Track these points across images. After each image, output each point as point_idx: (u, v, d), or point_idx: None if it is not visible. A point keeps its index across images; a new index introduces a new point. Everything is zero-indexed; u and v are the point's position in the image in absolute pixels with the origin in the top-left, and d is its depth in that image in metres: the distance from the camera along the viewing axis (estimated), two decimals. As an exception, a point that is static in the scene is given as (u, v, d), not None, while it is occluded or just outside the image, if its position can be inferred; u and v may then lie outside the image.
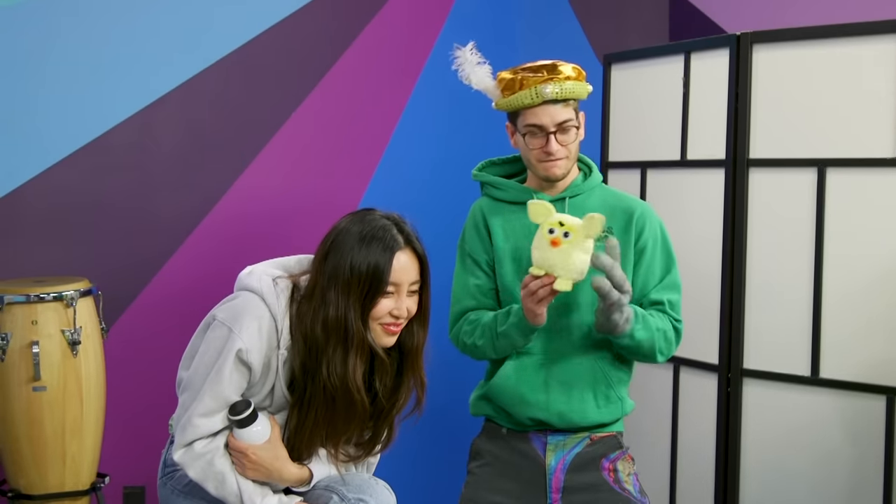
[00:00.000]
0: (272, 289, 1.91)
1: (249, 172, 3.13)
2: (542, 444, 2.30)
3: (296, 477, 1.95)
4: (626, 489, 2.26)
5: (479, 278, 2.36)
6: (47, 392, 2.51)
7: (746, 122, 2.66)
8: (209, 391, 1.88)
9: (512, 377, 2.27)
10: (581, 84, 2.26)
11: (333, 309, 1.86)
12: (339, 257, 1.87)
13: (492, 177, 2.40)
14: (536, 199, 2.18)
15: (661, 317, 2.28)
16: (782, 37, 2.61)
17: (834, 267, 2.54)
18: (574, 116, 2.26)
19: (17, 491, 2.56)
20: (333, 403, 1.90)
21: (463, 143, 3.55)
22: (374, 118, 3.37)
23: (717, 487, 2.75)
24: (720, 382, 2.73)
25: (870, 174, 2.48)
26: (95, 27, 2.85)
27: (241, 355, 1.86)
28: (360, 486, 1.97)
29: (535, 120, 2.24)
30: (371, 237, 1.88)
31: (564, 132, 2.25)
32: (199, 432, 1.89)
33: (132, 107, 2.92)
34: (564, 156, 2.26)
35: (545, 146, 2.24)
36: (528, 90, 2.22)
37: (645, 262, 2.30)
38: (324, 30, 3.25)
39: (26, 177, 2.79)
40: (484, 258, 2.36)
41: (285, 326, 1.90)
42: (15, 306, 2.51)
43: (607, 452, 2.29)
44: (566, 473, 2.26)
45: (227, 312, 1.91)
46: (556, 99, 2.21)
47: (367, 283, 1.86)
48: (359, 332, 1.87)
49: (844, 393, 2.52)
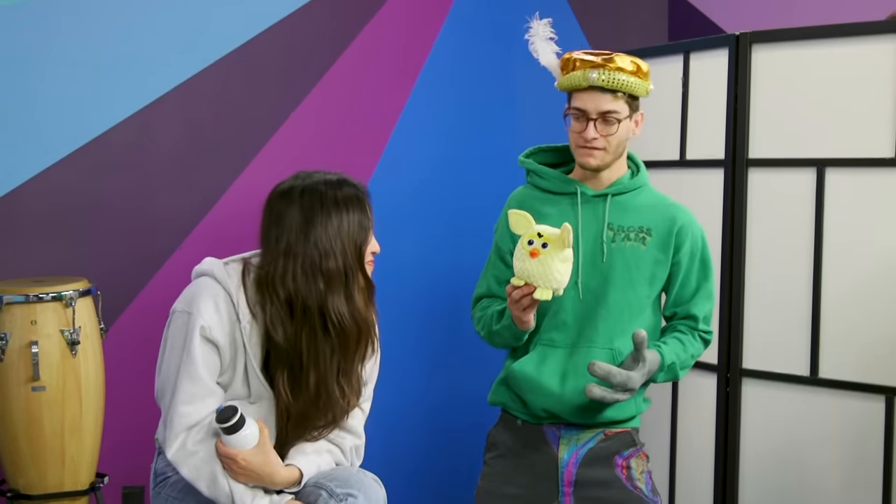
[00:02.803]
0: (222, 268, 1.99)
1: (248, 172, 3.12)
2: (555, 438, 2.29)
3: (286, 479, 1.95)
4: (639, 487, 2.26)
5: (499, 268, 2.39)
6: (46, 392, 2.51)
7: (745, 121, 2.66)
8: (186, 376, 1.90)
9: (532, 365, 2.28)
10: (636, 80, 2.23)
11: (333, 260, 1.94)
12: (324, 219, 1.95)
13: (536, 165, 2.38)
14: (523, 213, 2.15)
15: (690, 339, 2.32)
16: (781, 37, 2.61)
17: (833, 267, 2.54)
18: (622, 110, 2.23)
19: (16, 491, 2.55)
20: (346, 343, 1.97)
21: (462, 143, 3.55)
22: (373, 118, 3.37)
23: (717, 487, 2.75)
24: (719, 382, 2.73)
25: (869, 174, 2.48)
26: (94, 27, 2.84)
27: (205, 333, 1.91)
28: (347, 480, 1.97)
29: (580, 103, 2.24)
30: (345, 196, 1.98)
31: (607, 123, 2.22)
32: (186, 421, 1.90)
33: (131, 107, 2.92)
34: (602, 147, 2.24)
35: (584, 131, 2.23)
36: (579, 72, 2.22)
37: (681, 275, 2.31)
38: (323, 30, 3.24)
39: (25, 177, 2.78)
40: (509, 248, 2.36)
41: (241, 300, 1.95)
42: (14, 306, 2.51)
43: (621, 449, 2.29)
44: (578, 468, 2.26)
45: (183, 300, 1.98)
46: (602, 87, 2.20)
47: (356, 232, 1.97)
48: (356, 272, 1.98)
49: (843, 393, 2.52)
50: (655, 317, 2.35)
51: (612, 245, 2.26)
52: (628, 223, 2.28)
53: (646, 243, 2.27)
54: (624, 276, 2.25)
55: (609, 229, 2.27)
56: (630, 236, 2.27)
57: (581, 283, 2.25)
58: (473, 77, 3.56)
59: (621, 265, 2.26)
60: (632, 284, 2.26)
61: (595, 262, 2.26)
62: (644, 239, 2.27)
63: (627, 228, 2.28)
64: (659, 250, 2.28)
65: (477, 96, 3.58)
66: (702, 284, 2.33)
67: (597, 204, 2.29)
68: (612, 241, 2.26)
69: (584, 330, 2.26)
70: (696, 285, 2.33)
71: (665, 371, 2.26)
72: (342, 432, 2.08)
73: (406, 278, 3.38)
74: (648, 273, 2.28)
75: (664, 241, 2.29)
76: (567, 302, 2.25)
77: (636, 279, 2.27)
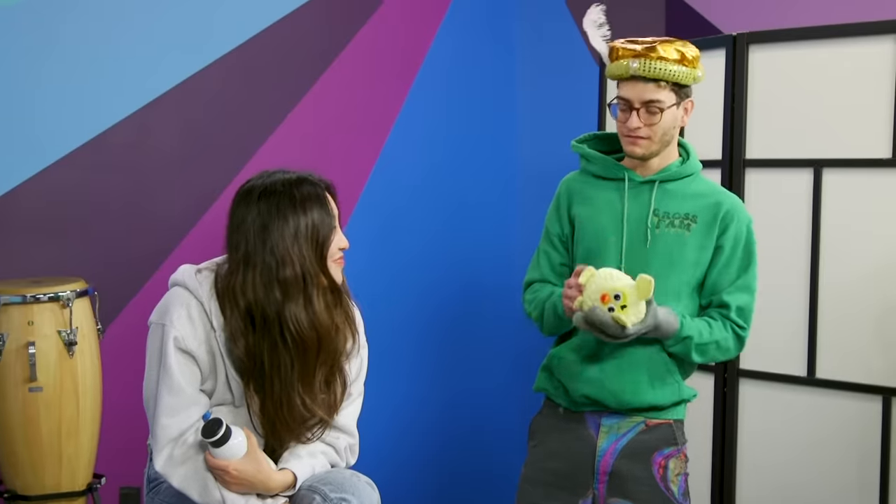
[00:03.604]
0: (193, 276, 1.97)
1: (246, 172, 3.12)
2: (595, 426, 2.28)
3: (280, 483, 1.95)
4: (671, 489, 2.24)
5: (550, 252, 2.38)
6: (43, 392, 2.51)
7: (742, 122, 2.66)
8: (165, 389, 1.90)
9: (573, 351, 2.27)
10: (680, 68, 2.18)
11: (290, 267, 1.90)
12: (279, 222, 1.91)
13: (587, 149, 2.36)
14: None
15: (719, 325, 2.24)
16: (778, 37, 2.62)
17: (830, 267, 2.54)
18: (666, 99, 2.19)
19: (13, 492, 2.55)
20: (305, 352, 1.93)
21: (459, 144, 3.55)
22: (370, 118, 3.37)
23: (714, 487, 2.75)
24: (717, 383, 2.74)
25: (866, 174, 2.49)
26: (93, 27, 2.84)
27: (179, 344, 1.90)
28: (341, 485, 1.96)
29: (624, 93, 2.23)
30: (303, 194, 1.94)
31: (650, 112, 2.20)
32: (168, 433, 1.90)
33: (129, 107, 2.92)
34: (647, 136, 2.21)
35: (627, 121, 2.22)
36: (620, 62, 2.21)
37: (722, 261, 2.25)
38: (320, 31, 3.24)
39: (23, 177, 2.78)
40: (557, 232, 2.36)
41: (214, 307, 1.94)
42: (11, 307, 2.50)
43: (661, 446, 2.26)
44: (616, 458, 2.24)
45: (157, 313, 1.97)
46: (645, 77, 2.18)
47: (317, 231, 1.93)
48: (317, 274, 1.93)
49: (840, 393, 2.52)
50: (695, 304, 2.29)
51: (655, 231, 2.24)
52: (674, 210, 2.25)
53: (690, 230, 2.23)
54: (665, 261, 2.22)
55: (654, 215, 2.25)
56: (675, 223, 2.24)
57: (624, 268, 2.22)
58: (470, 78, 3.56)
59: (664, 251, 2.23)
60: (673, 270, 2.22)
61: (639, 248, 2.24)
62: (689, 226, 2.24)
63: (673, 215, 2.25)
64: (704, 236, 2.24)
65: (474, 97, 3.58)
66: (741, 274, 2.25)
67: (644, 190, 2.27)
68: (656, 226, 2.24)
69: None
70: (735, 274, 2.25)
71: (680, 343, 2.19)
72: (335, 431, 2.07)
73: (404, 279, 3.38)
74: (693, 259, 2.24)
75: (709, 225, 2.24)
76: None
77: (678, 265, 2.23)
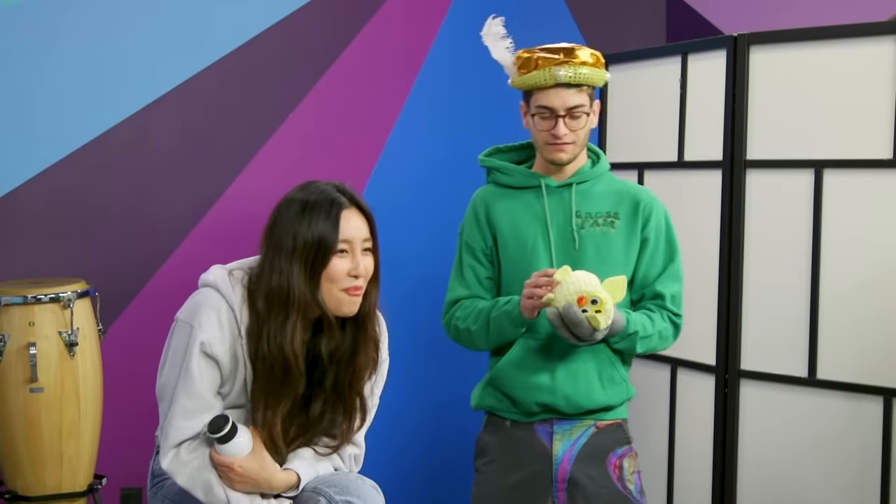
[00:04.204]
0: (226, 279, 1.92)
1: (247, 173, 3.12)
2: (548, 434, 2.30)
3: (284, 483, 1.94)
4: (628, 488, 2.27)
5: (475, 267, 2.37)
6: (44, 393, 2.51)
7: (743, 123, 2.66)
8: (183, 391, 1.88)
9: (519, 362, 2.28)
10: (597, 71, 2.25)
11: (277, 277, 1.85)
12: (284, 228, 1.87)
13: (499, 162, 2.40)
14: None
15: (658, 316, 2.30)
16: (779, 38, 2.61)
17: (831, 268, 2.54)
18: (586, 103, 2.25)
19: (13, 492, 2.55)
20: (271, 372, 1.88)
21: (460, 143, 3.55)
22: (371, 118, 3.37)
23: (715, 488, 2.75)
24: (717, 383, 2.73)
25: (867, 175, 2.48)
26: (93, 29, 2.84)
27: (205, 348, 1.87)
28: (346, 487, 1.95)
29: (547, 102, 2.24)
30: (315, 202, 1.88)
31: (574, 118, 2.24)
32: (181, 434, 1.89)
33: (129, 108, 2.92)
34: (572, 141, 2.26)
35: (553, 129, 2.24)
36: (543, 71, 2.22)
37: (648, 252, 2.32)
38: (320, 32, 3.24)
39: (23, 178, 2.78)
40: (481, 246, 2.37)
41: (244, 314, 1.90)
42: (12, 307, 2.51)
43: (615, 446, 2.30)
44: (573, 464, 2.27)
45: (186, 311, 1.93)
46: (569, 83, 2.21)
47: (315, 245, 1.85)
48: (302, 296, 1.85)
49: (841, 394, 2.52)
50: (627, 299, 2.35)
51: (581, 232, 2.28)
52: (595, 209, 2.31)
53: (615, 226, 2.30)
54: (596, 260, 2.27)
55: (577, 217, 2.29)
56: (599, 222, 2.30)
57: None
58: (471, 78, 3.56)
59: (593, 250, 2.28)
60: (605, 268, 2.26)
61: (568, 250, 2.29)
62: (612, 223, 2.30)
63: (595, 214, 2.30)
64: (628, 230, 2.31)
65: (474, 97, 3.58)
66: (668, 264, 2.33)
67: (562, 193, 2.32)
68: (581, 227, 2.29)
69: None
70: (662, 265, 2.33)
71: (626, 338, 2.24)
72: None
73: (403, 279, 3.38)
74: (622, 255, 2.30)
75: (631, 220, 2.31)
76: None
77: (609, 262, 2.28)
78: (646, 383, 2.90)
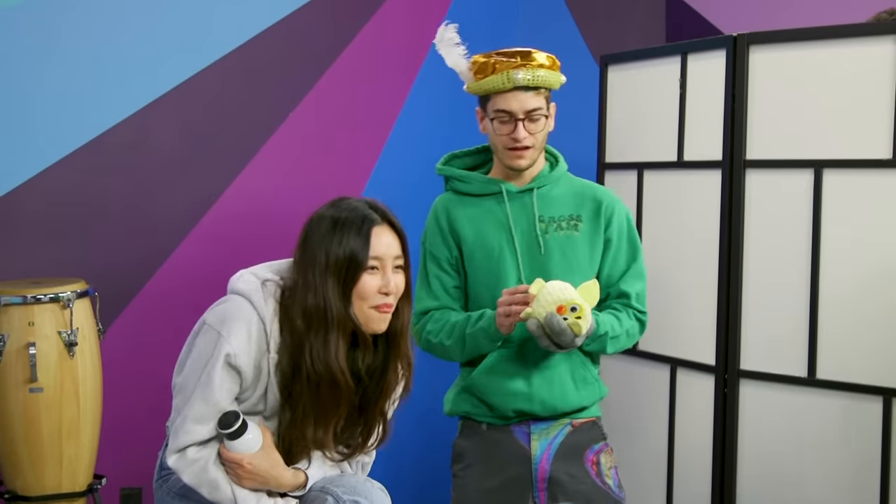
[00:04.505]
0: (260, 292, 1.90)
1: (247, 173, 3.13)
2: (525, 435, 2.31)
3: (292, 482, 1.95)
4: (607, 483, 2.29)
5: (441, 277, 2.36)
6: (44, 393, 2.51)
7: (743, 123, 2.66)
8: (200, 396, 1.87)
9: (493, 369, 2.29)
10: (554, 73, 2.26)
11: (312, 296, 1.85)
12: (315, 244, 1.87)
13: (456, 170, 2.40)
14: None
15: (624, 315, 2.32)
16: (779, 38, 2.61)
17: (830, 268, 2.54)
18: (544, 106, 2.25)
19: (13, 492, 2.55)
20: (318, 390, 1.88)
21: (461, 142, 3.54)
22: (372, 117, 3.37)
23: (714, 488, 2.75)
24: (717, 383, 2.73)
25: (866, 175, 2.48)
26: (93, 29, 2.85)
27: (230, 360, 1.85)
28: (354, 488, 1.96)
29: (505, 105, 2.23)
30: (346, 219, 1.88)
31: (533, 121, 2.24)
32: (191, 438, 1.88)
33: (130, 107, 2.92)
34: (531, 144, 2.26)
35: (513, 132, 2.24)
36: (500, 75, 2.22)
37: (611, 253, 2.33)
38: (320, 31, 3.25)
39: (23, 177, 2.78)
40: (445, 255, 2.36)
41: (275, 329, 1.89)
42: (12, 307, 2.51)
43: (591, 443, 2.32)
44: (552, 463, 2.28)
45: (216, 317, 1.90)
46: (527, 86, 2.20)
47: (346, 262, 1.85)
48: (339, 313, 1.85)
49: (841, 394, 2.52)
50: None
51: (546, 236, 2.29)
52: (558, 213, 2.32)
53: (578, 229, 2.31)
54: (562, 264, 2.28)
55: (540, 222, 2.30)
56: (562, 225, 2.31)
57: (524, 278, 2.27)
58: (471, 78, 3.56)
59: (558, 254, 2.29)
60: (572, 271, 2.27)
61: (533, 256, 2.29)
62: (576, 225, 2.31)
63: (558, 218, 2.31)
64: (592, 232, 2.32)
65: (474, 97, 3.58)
66: (631, 264, 2.35)
67: (523, 199, 2.32)
68: (545, 232, 2.29)
69: None
70: (625, 265, 2.35)
71: (597, 340, 2.25)
72: None
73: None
74: (587, 257, 2.32)
75: (594, 221, 2.32)
76: None
77: (575, 265, 2.29)
78: (645, 383, 2.91)
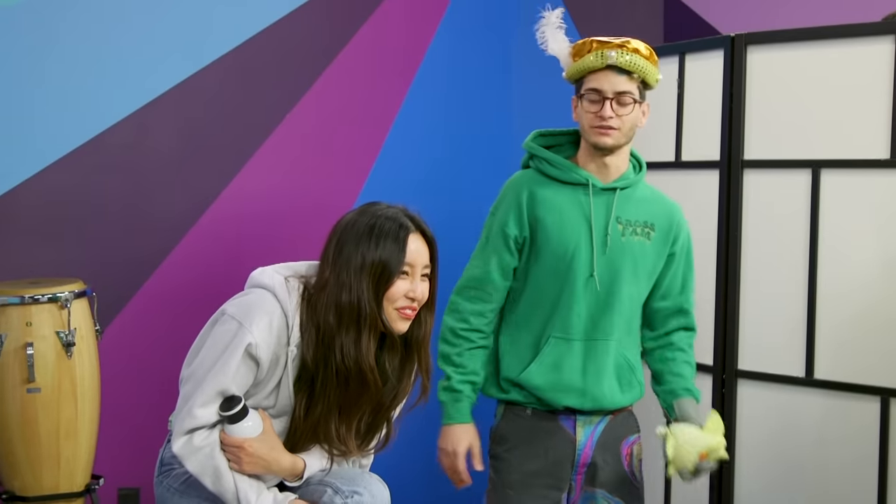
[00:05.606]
0: (284, 286, 1.93)
1: (245, 173, 3.13)
2: (570, 422, 2.33)
3: (290, 467, 1.96)
4: (635, 474, 2.36)
5: (503, 254, 2.33)
6: (41, 393, 2.51)
7: (741, 123, 2.66)
8: (212, 383, 1.88)
9: (550, 369, 2.29)
10: (650, 64, 2.24)
11: (346, 293, 1.89)
12: (352, 247, 1.91)
13: (546, 151, 2.35)
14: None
15: (688, 352, 2.39)
16: (776, 38, 2.62)
17: (828, 268, 2.54)
18: (635, 92, 2.23)
19: (11, 493, 2.55)
20: (347, 384, 1.92)
21: (458, 142, 3.55)
22: (369, 118, 3.37)
23: (712, 488, 2.75)
24: (714, 383, 2.74)
25: (863, 175, 2.49)
26: (92, 28, 2.84)
27: (251, 350, 1.87)
28: (353, 479, 1.99)
29: (596, 84, 2.23)
30: (382, 226, 1.92)
31: (622, 104, 2.22)
32: (197, 422, 1.89)
33: (128, 107, 2.92)
34: (618, 126, 2.23)
35: (600, 111, 2.23)
36: (595, 54, 2.23)
37: (673, 267, 2.35)
38: (319, 31, 3.25)
39: (21, 178, 2.78)
40: (515, 234, 2.32)
41: (296, 323, 1.92)
42: (9, 308, 2.50)
43: (627, 434, 2.36)
44: (594, 450, 2.32)
45: (237, 307, 1.92)
46: (620, 67, 2.21)
47: (381, 265, 1.90)
48: (372, 312, 1.90)
49: (838, 394, 2.52)
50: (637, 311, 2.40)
51: (622, 239, 2.28)
52: (633, 217, 2.30)
53: (650, 238, 2.30)
54: (632, 269, 2.28)
55: (619, 223, 2.28)
56: (637, 231, 2.30)
57: (597, 276, 2.26)
58: (469, 77, 3.56)
59: (630, 259, 2.28)
60: (637, 278, 2.29)
61: (608, 257, 2.28)
62: (649, 234, 2.30)
63: (634, 223, 2.30)
64: (661, 244, 2.31)
65: (473, 96, 3.58)
66: (688, 278, 2.38)
67: (605, 196, 2.30)
68: (621, 234, 2.28)
69: (599, 322, 2.28)
70: (683, 278, 2.37)
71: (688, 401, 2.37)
72: None
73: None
74: (651, 268, 2.31)
75: (665, 234, 2.32)
76: (582, 293, 2.26)
77: (641, 273, 2.30)
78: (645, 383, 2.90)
